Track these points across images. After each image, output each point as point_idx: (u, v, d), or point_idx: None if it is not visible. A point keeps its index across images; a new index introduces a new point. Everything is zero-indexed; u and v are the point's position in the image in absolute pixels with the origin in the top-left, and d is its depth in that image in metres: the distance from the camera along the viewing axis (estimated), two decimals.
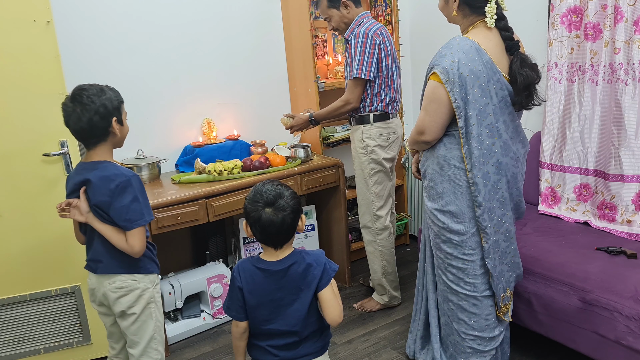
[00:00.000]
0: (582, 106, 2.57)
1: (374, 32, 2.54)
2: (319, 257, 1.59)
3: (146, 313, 1.83)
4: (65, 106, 1.69)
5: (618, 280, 2.00)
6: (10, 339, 2.37)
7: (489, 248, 1.93)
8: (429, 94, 1.88)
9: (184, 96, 3.05)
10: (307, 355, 1.61)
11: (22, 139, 2.23)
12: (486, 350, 2.05)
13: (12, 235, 2.28)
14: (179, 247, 3.10)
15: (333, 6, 2.64)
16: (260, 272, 1.56)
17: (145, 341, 1.84)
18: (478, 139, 1.84)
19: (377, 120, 2.64)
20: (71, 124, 1.69)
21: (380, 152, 2.66)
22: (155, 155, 2.90)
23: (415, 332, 2.34)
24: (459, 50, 1.81)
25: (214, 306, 2.81)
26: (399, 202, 3.62)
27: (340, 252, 3.12)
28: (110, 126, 1.70)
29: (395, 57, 2.69)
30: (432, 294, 2.19)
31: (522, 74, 1.85)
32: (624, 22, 2.35)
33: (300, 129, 2.83)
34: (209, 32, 3.06)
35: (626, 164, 2.42)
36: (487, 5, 1.83)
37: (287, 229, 1.54)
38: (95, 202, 1.71)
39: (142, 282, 1.81)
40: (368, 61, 2.53)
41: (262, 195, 1.53)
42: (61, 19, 2.46)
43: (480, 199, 1.88)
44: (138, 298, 1.80)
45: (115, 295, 1.78)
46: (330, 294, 1.56)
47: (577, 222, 2.60)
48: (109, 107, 1.69)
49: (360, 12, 2.63)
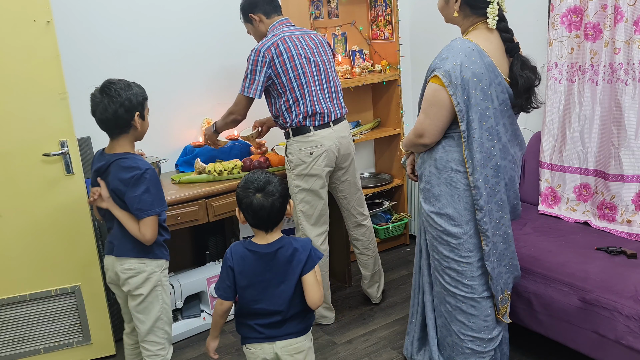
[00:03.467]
0: (582, 106, 2.57)
1: (267, 48, 2.41)
2: (305, 243, 1.73)
3: (153, 295, 1.96)
4: (94, 97, 1.83)
5: (618, 280, 2.00)
6: (10, 339, 2.37)
7: (489, 251, 1.93)
8: (429, 97, 1.86)
9: (184, 96, 3.05)
10: (290, 334, 1.75)
11: (22, 139, 2.23)
12: (485, 352, 2.05)
13: (12, 235, 2.29)
14: (179, 247, 3.10)
15: (246, 20, 2.63)
16: (251, 254, 1.70)
17: (152, 321, 1.97)
18: (479, 143, 1.84)
19: (296, 134, 2.52)
20: (97, 114, 1.83)
21: (303, 168, 2.51)
22: (155, 155, 2.89)
23: (412, 334, 2.33)
24: (461, 52, 1.79)
25: (214, 306, 2.81)
26: (399, 202, 3.63)
27: (340, 252, 3.12)
28: (133, 119, 1.85)
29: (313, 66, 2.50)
30: (428, 295, 2.18)
31: (522, 77, 1.84)
32: (624, 22, 2.35)
33: (212, 141, 2.78)
34: (208, 32, 3.06)
35: (626, 164, 2.41)
36: (489, 6, 1.82)
37: (276, 212, 1.68)
38: (113, 187, 1.87)
39: (149, 265, 1.94)
40: (256, 79, 2.43)
41: (253, 183, 1.68)
42: (61, 19, 2.45)
43: (482, 203, 1.88)
44: (145, 280, 1.93)
45: (125, 276, 1.92)
46: (313, 279, 1.70)
47: (577, 222, 2.60)
48: (134, 101, 1.84)
49: (272, 22, 2.55)
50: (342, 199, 2.77)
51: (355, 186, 2.76)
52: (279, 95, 2.51)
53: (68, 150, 2.29)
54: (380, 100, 3.61)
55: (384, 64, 3.40)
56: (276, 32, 2.51)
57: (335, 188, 2.73)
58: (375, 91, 3.62)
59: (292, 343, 1.75)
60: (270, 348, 1.75)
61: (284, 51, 2.44)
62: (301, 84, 2.47)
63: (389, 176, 3.63)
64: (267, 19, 2.56)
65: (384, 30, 3.44)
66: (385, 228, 3.49)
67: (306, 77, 2.48)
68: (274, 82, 2.48)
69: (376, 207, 3.54)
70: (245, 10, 2.60)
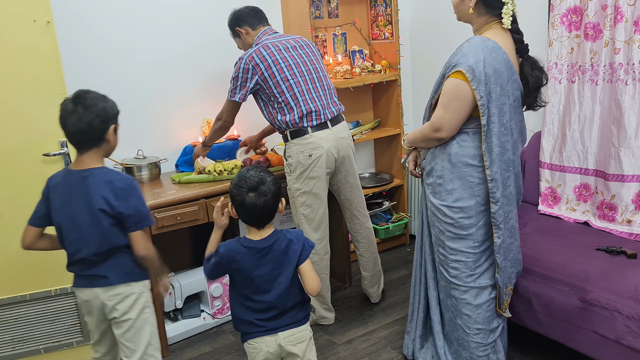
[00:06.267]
0: (582, 106, 2.57)
1: (249, 55, 2.45)
2: (298, 234, 1.77)
3: (142, 318, 1.83)
4: (65, 106, 1.69)
5: (618, 280, 2.00)
6: (10, 339, 2.37)
7: (500, 243, 1.97)
8: (450, 92, 1.90)
9: (184, 96, 3.05)
10: (291, 324, 1.77)
11: (22, 139, 2.23)
12: (488, 343, 2.10)
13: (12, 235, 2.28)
14: (179, 247, 3.10)
15: (234, 35, 2.68)
16: (247, 250, 1.72)
17: (142, 348, 1.83)
18: (498, 136, 1.89)
19: (294, 137, 2.52)
20: (69, 125, 1.68)
21: (303, 170, 2.51)
22: (155, 155, 2.90)
23: (413, 332, 2.34)
24: (483, 49, 1.85)
25: (214, 306, 2.81)
26: (399, 202, 3.63)
27: (340, 252, 3.12)
28: (107, 132, 1.73)
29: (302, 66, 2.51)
30: (433, 291, 2.21)
31: (533, 76, 1.94)
32: (624, 22, 2.35)
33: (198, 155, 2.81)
34: (208, 32, 3.06)
35: (626, 164, 2.41)
36: (504, 6, 1.89)
37: (268, 211, 1.71)
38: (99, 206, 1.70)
39: (136, 287, 1.82)
40: (240, 85, 2.47)
41: (246, 181, 1.69)
42: (61, 19, 2.46)
43: (499, 195, 1.93)
44: (134, 303, 1.81)
45: (112, 303, 1.78)
46: (310, 267, 1.75)
47: (577, 222, 2.60)
48: (110, 113, 1.73)
49: (257, 33, 2.59)
50: (344, 201, 2.76)
51: (358, 187, 2.76)
52: (269, 99, 2.51)
53: (68, 150, 2.29)
54: (380, 100, 3.61)
55: (384, 64, 3.40)
56: (259, 40, 2.56)
57: (338, 190, 2.73)
58: (375, 91, 3.62)
59: (294, 333, 1.77)
60: (272, 340, 1.76)
61: (268, 56, 2.46)
62: (290, 86, 2.47)
63: (389, 176, 3.63)
64: (252, 30, 2.61)
65: (384, 30, 3.45)
66: (385, 228, 3.49)
67: (294, 78, 2.48)
68: (262, 86, 2.49)
69: (376, 207, 3.54)
70: (232, 25, 2.65)
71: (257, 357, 1.77)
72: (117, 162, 2.73)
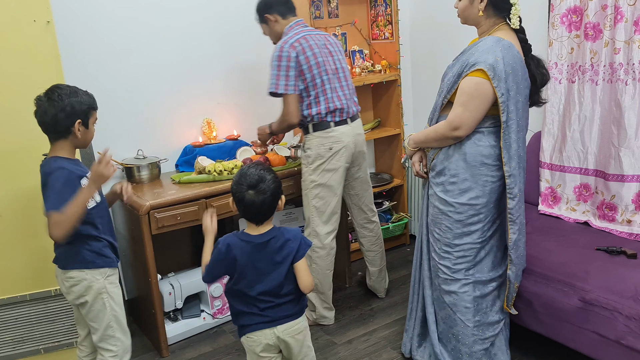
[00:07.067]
0: (582, 106, 2.57)
1: (291, 44, 2.45)
2: (296, 233, 1.81)
3: (99, 302, 1.95)
4: (38, 99, 1.83)
5: (618, 280, 2.00)
6: (10, 339, 2.37)
7: (515, 239, 2.00)
8: (470, 90, 1.92)
9: (184, 96, 3.05)
10: (289, 317, 1.82)
11: (22, 138, 2.23)
12: (487, 337, 2.13)
13: (12, 235, 2.28)
14: (179, 247, 3.10)
15: (262, 21, 2.65)
16: (245, 244, 1.76)
17: (103, 328, 1.98)
18: (516, 132, 1.93)
19: (316, 129, 2.56)
20: (37, 116, 1.82)
21: (321, 163, 2.55)
22: (155, 155, 2.89)
23: (411, 330, 2.37)
24: (500, 48, 1.89)
25: (214, 306, 2.81)
26: (399, 202, 3.63)
27: (340, 252, 3.11)
28: (72, 126, 1.82)
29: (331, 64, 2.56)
30: (428, 290, 2.23)
31: (539, 74, 2.02)
32: (624, 22, 2.35)
33: (264, 142, 2.82)
34: (209, 32, 3.06)
35: (626, 164, 2.41)
36: (513, 7, 1.93)
37: (267, 209, 1.75)
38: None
39: (89, 274, 1.93)
40: (284, 75, 2.44)
41: (246, 179, 1.73)
42: (61, 19, 2.46)
43: (516, 191, 1.96)
44: (87, 288, 1.93)
45: (67, 284, 1.94)
46: (305, 265, 1.79)
47: (577, 222, 2.60)
48: (77, 108, 1.82)
49: (289, 23, 2.57)
50: (353, 196, 2.80)
51: (367, 182, 2.82)
52: (300, 91, 2.53)
53: None
54: (380, 100, 3.61)
55: (384, 64, 3.40)
56: (296, 31, 2.55)
57: (348, 185, 2.76)
58: (375, 91, 3.62)
59: (292, 325, 1.82)
60: (271, 333, 1.79)
61: (307, 48, 2.49)
62: (323, 81, 2.52)
63: (389, 176, 3.63)
64: (282, 19, 2.59)
65: (384, 30, 3.45)
66: (386, 228, 3.48)
67: (327, 75, 2.54)
68: (294, 79, 2.50)
69: (376, 207, 3.53)
70: (261, 11, 2.62)
71: (256, 349, 1.81)
72: (117, 162, 2.73)
